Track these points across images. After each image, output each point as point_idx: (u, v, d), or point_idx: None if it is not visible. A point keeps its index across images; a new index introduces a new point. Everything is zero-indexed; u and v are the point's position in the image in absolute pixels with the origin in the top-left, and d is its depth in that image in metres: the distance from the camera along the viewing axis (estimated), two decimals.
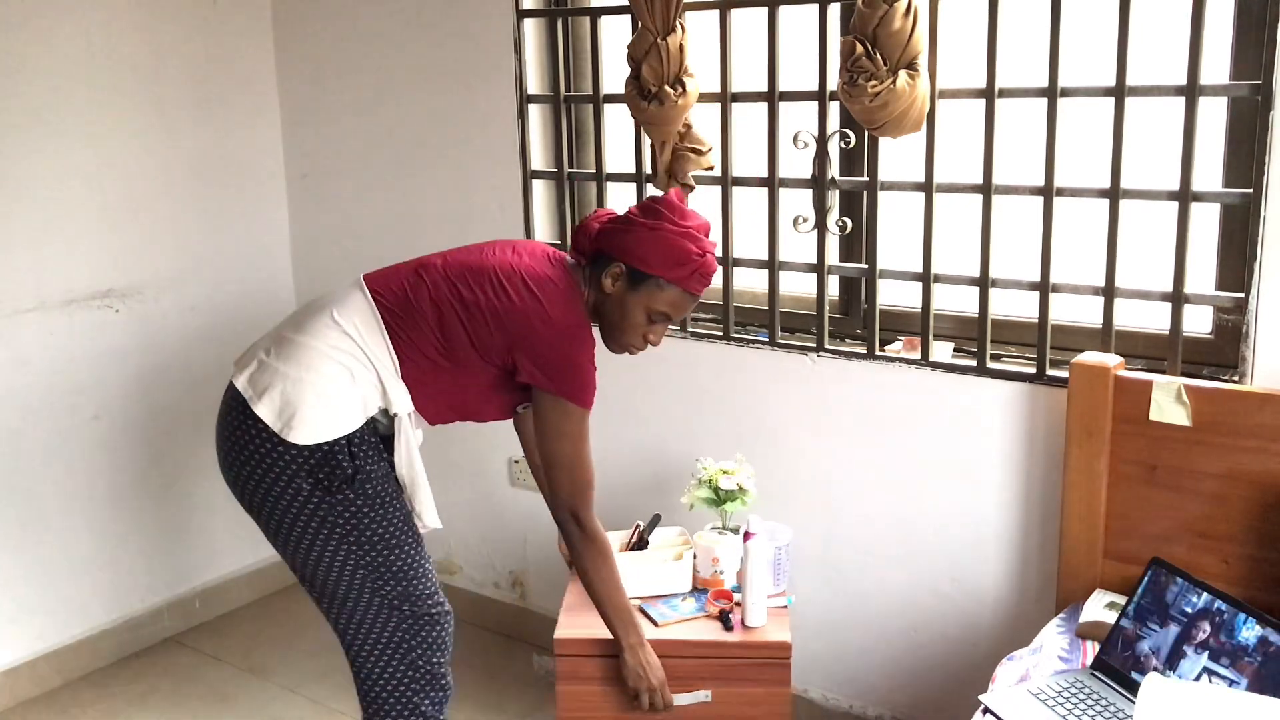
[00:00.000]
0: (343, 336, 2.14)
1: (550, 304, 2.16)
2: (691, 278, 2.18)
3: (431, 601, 2.28)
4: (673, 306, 2.21)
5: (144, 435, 3.39)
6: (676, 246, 2.16)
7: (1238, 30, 2.23)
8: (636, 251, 2.17)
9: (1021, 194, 2.43)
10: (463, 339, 2.18)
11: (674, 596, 2.59)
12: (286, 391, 2.10)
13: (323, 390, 2.10)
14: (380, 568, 2.19)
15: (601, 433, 3.15)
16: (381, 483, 2.18)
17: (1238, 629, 1.92)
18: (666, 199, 2.22)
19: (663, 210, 2.19)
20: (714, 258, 2.21)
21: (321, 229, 3.65)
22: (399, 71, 3.33)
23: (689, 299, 2.22)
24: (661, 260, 2.16)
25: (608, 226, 2.22)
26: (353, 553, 2.17)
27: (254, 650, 3.41)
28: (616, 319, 2.24)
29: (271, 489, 2.12)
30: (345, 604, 2.22)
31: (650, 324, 2.23)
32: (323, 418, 2.10)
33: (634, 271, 2.18)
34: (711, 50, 2.74)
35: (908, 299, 2.71)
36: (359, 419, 2.14)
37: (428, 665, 2.29)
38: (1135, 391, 2.26)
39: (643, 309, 2.20)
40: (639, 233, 2.17)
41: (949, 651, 2.70)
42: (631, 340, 2.26)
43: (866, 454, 2.73)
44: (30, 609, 3.19)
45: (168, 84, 3.34)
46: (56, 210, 3.13)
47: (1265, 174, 2.16)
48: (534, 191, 3.14)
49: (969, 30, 2.44)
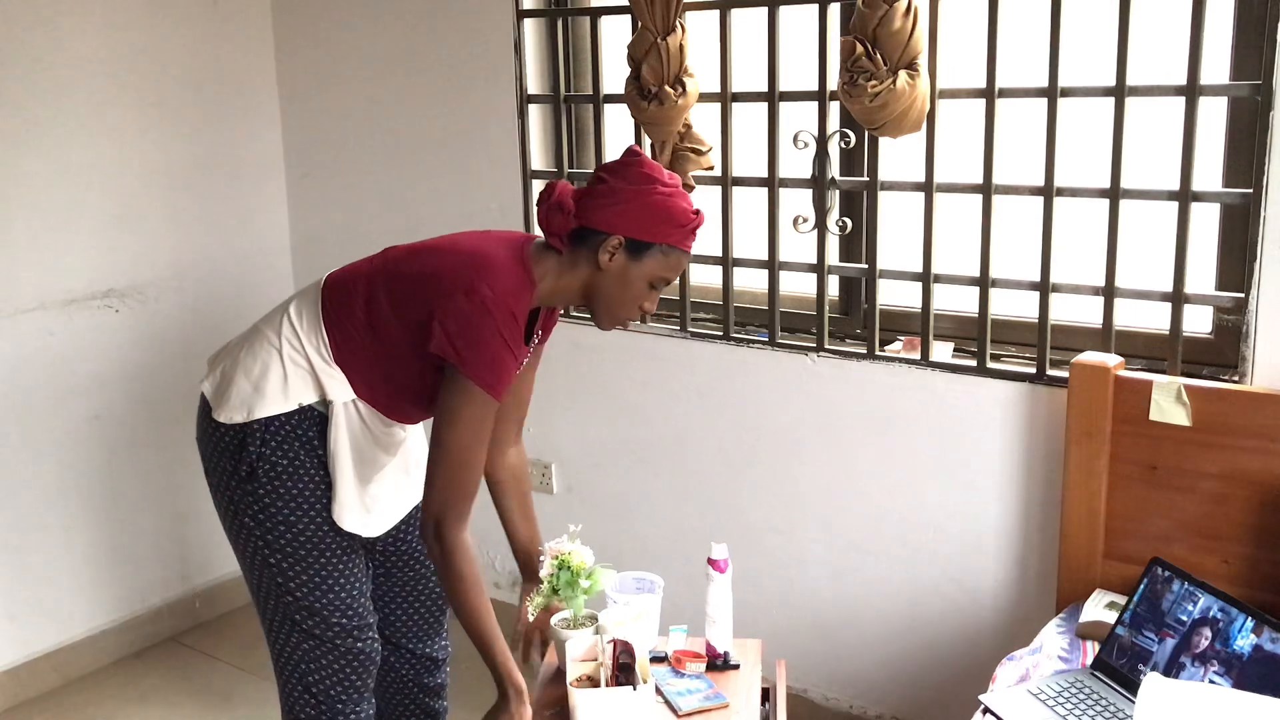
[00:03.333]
0: (285, 323, 2.09)
1: (480, 278, 1.95)
2: (690, 235, 2.04)
3: (343, 630, 2.13)
4: (673, 270, 2.05)
5: (144, 435, 3.39)
6: (674, 208, 2.00)
7: (1238, 30, 2.23)
8: (635, 221, 1.99)
9: (1021, 194, 2.43)
10: (385, 309, 2.03)
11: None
12: (226, 371, 2.11)
13: (250, 371, 2.08)
14: (284, 573, 2.09)
15: (602, 432, 3.17)
16: (295, 479, 2.06)
17: (1237, 629, 1.92)
18: (643, 160, 2.03)
19: (648, 173, 2.01)
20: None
21: (321, 229, 3.64)
22: (399, 71, 3.33)
23: (687, 259, 2.08)
24: (663, 226, 1.99)
25: (589, 200, 2.01)
26: (260, 550, 2.09)
27: (254, 650, 3.40)
28: (616, 292, 2.03)
29: (207, 465, 2.15)
30: (256, 599, 2.16)
31: (651, 290, 2.06)
32: (245, 399, 2.06)
33: (633, 242, 1.99)
34: (711, 50, 2.74)
35: (908, 299, 2.71)
36: (280, 405, 2.05)
37: (326, 698, 2.16)
38: (1135, 391, 2.26)
39: (645, 278, 2.02)
40: (633, 201, 1.98)
41: (949, 651, 2.70)
42: (629, 313, 2.08)
43: (866, 454, 2.73)
44: (30, 609, 3.19)
45: (168, 84, 3.34)
46: (57, 210, 3.13)
47: (1265, 174, 2.16)
48: (534, 191, 3.14)
49: (969, 30, 2.44)
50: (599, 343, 3.07)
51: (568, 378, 3.17)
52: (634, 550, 3.15)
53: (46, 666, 3.22)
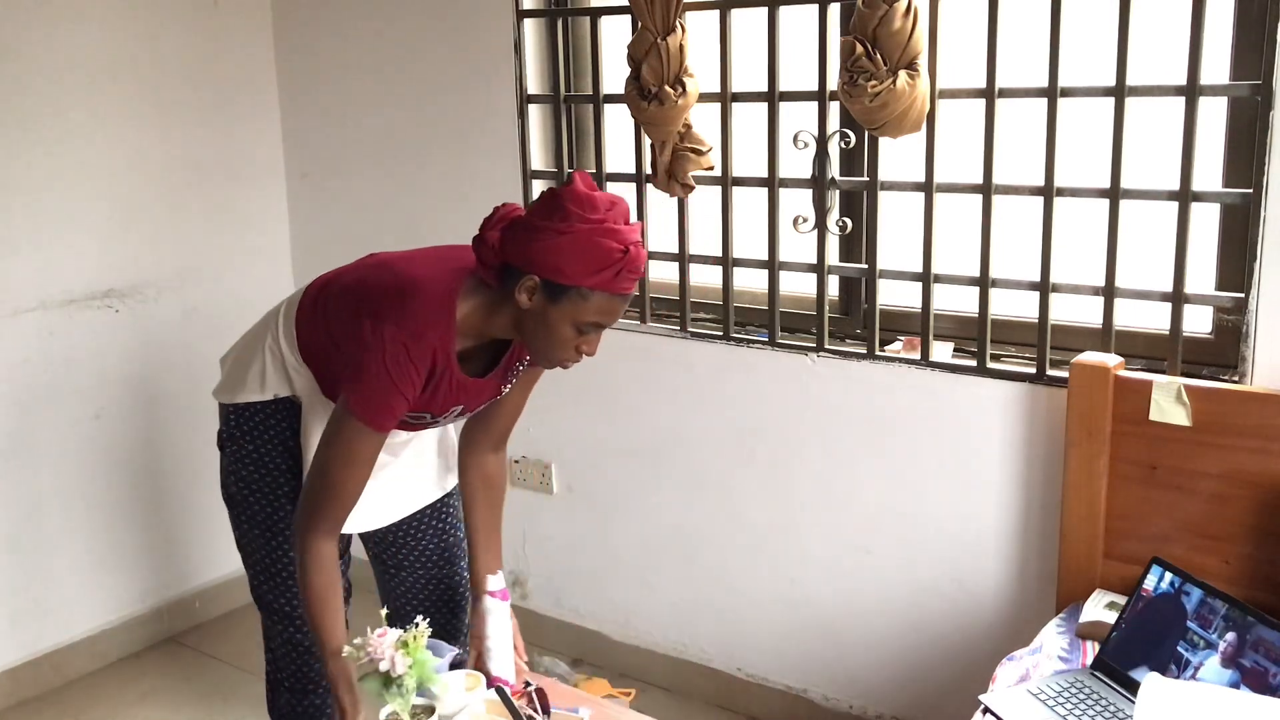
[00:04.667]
0: (277, 316, 2.15)
1: (391, 309, 1.89)
2: (618, 279, 1.83)
3: (283, 617, 2.21)
4: (602, 314, 1.86)
5: (144, 435, 3.39)
6: (594, 248, 1.80)
7: (1238, 30, 2.23)
8: (549, 261, 1.82)
9: (1021, 194, 2.43)
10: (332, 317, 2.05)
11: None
12: (233, 351, 2.23)
13: (241, 357, 2.18)
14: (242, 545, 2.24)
15: (602, 432, 3.17)
16: (258, 466, 2.15)
17: (1237, 629, 1.92)
18: (570, 189, 1.84)
19: (569, 206, 1.81)
20: (640, 247, 1.86)
21: (321, 229, 3.64)
22: (399, 71, 3.33)
23: (620, 300, 1.87)
24: (580, 267, 1.81)
25: (509, 234, 1.87)
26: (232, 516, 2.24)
27: (254, 650, 3.39)
28: (541, 334, 1.89)
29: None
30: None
31: (580, 336, 1.88)
32: (231, 382, 2.17)
33: (550, 284, 1.83)
34: (711, 50, 2.74)
35: (908, 299, 2.71)
36: (255, 394, 2.12)
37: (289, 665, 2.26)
38: (1135, 391, 2.26)
39: (568, 323, 1.85)
40: (546, 239, 1.81)
41: (949, 651, 2.70)
42: (563, 356, 1.92)
43: (866, 454, 2.73)
44: (30, 609, 3.19)
45: (168, 84, 3.33)
46: (57, 210, 3.13)
47: (1265, 174, 2.16)
48: (534, 192, 3.14)
49: (969, 30, 2.44)
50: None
51: (568, 378, 3.15)
52: (634, 550, 3.15)
53: (46, 666, 3.22)
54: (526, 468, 3.29)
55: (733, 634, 3.03)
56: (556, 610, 3.35)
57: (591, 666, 3.26)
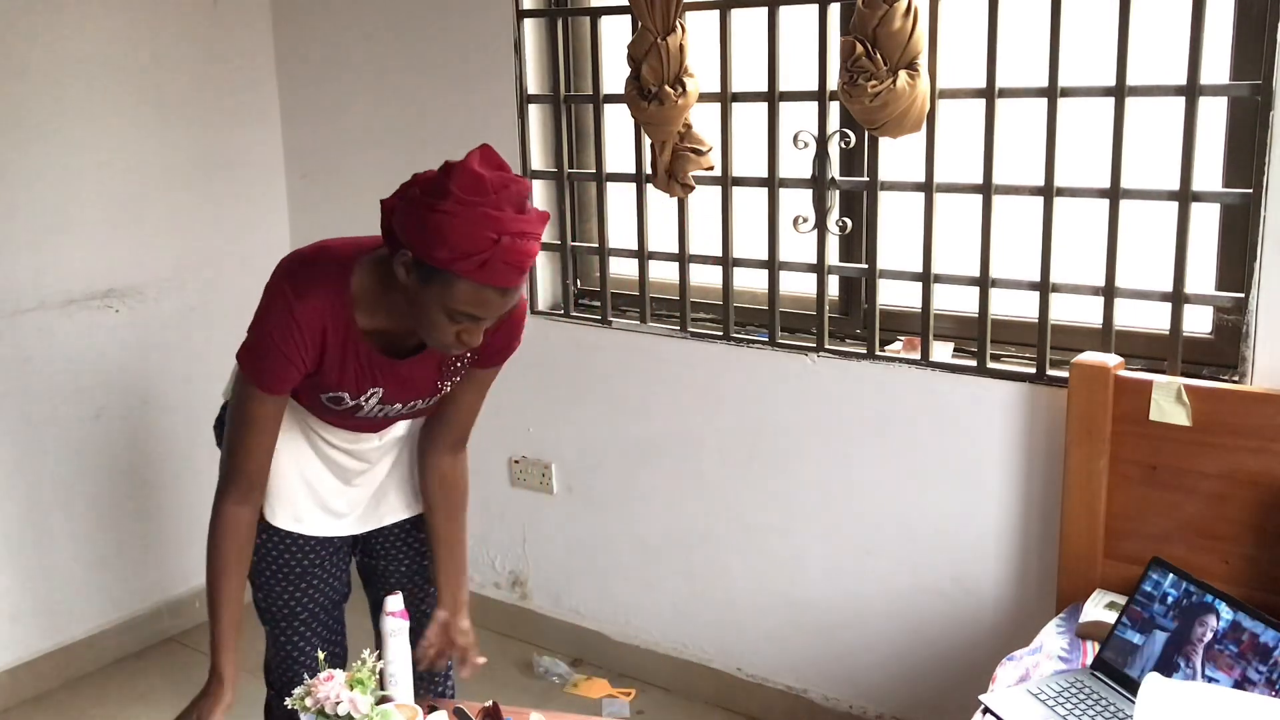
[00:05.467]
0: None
1: (297, 270, 1.87)
2: (485, 269, 1.68)
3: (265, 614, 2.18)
4: (472, 304, 1.72)
5: (144, 435, 3.39)
6: (464, 233, 1.67)
7: (1238, 30, 2.23)
8: (419, 239, 1.71)
9: (1021, 194, 2.43)
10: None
11: None
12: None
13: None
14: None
15: (602, 432, 3.17)
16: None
17: (1237, 629, 1.92)
18: (460, 165, 1.73)
19: (450, 185, 1.69)
20: (526, 240, 1.71)
21: (321, 229, 3.61)
22: (399, 71, 3.33)
23: (495, 294, 1.72)
24: (447, 252, 1.68)
25: (400, 203, 1.77)
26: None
27: (254, 650, 3.40)
28: (416, 316, 1.79)
29: None
30: None
31: (455, 324, 1.76)
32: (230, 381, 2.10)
33: (421, 263, 1.72)
34: (711, 50, 2.74)
35: (908, 299, 2.71)
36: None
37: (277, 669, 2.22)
38: (1135, 391, 2.26)
39: (439, 307, 1.74)
40: (419, 214, 1.70)
41: (949, 651, 2.70)
42: (441, 340, 1.80)
43: (866, 454, 2.73)
44: (30, 609, 3.19)
45: (168, 84, 3.33)
46: (57, 210, 3.13)
47: (1265, 174, 2.16)
48: (534, 192, 3.14)
49: (969, 30, 2.44)
50: (599, 342, 3.07)
51: (568, 378, 3.17)
52: (634, 550, 3.15)
53: (46, 666, 3.22)
54: (526, 468, 3.29)
55: (733, 634, 3.03)
56: (556, 610, 3.35)
57: (591, 666, 3.26)
